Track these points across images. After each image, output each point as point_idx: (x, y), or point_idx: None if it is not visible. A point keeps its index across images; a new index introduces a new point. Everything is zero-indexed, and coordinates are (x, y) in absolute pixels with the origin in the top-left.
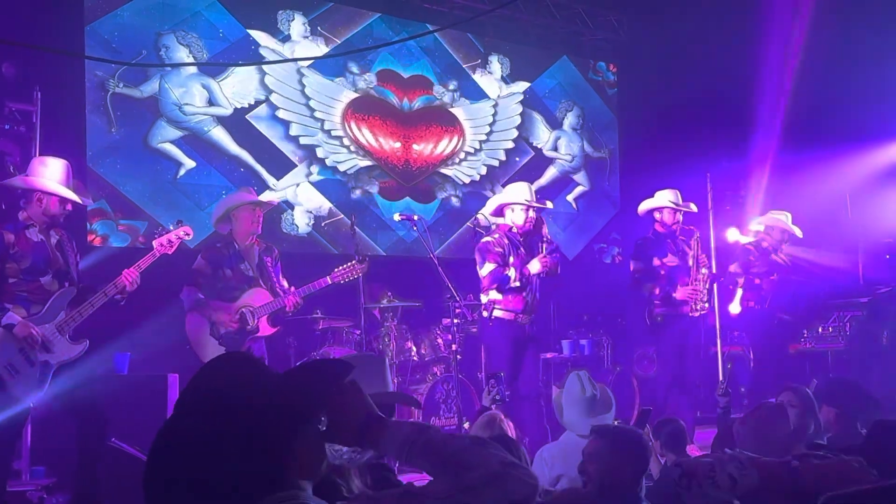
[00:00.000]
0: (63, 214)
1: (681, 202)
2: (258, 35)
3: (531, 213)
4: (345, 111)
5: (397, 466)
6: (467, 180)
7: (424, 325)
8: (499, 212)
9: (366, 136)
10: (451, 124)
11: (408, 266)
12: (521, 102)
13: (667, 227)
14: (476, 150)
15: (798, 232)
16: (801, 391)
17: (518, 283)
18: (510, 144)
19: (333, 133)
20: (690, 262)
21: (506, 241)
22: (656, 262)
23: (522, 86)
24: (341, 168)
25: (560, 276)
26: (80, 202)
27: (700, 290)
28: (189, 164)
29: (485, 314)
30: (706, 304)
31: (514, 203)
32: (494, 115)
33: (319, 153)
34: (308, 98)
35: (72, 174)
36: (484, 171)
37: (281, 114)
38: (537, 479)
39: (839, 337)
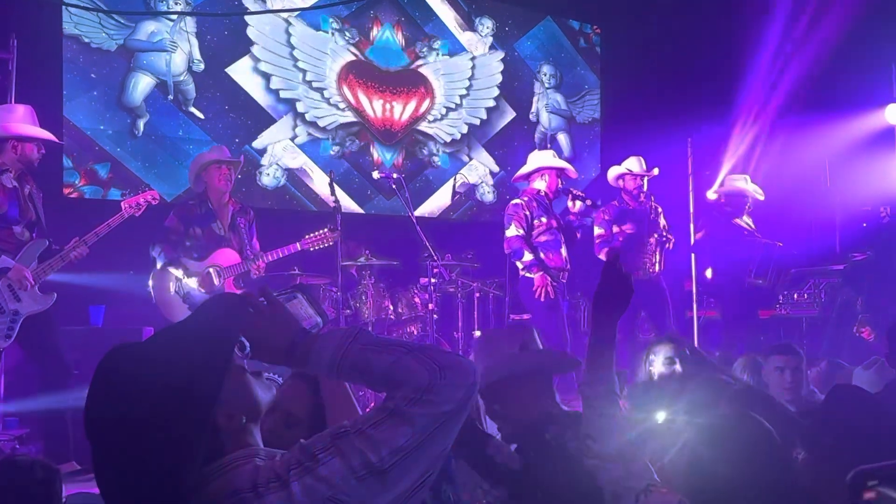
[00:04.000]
0: (38, 159)
1: (643, 169)
2: None
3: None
4: (340, 74)
5: None
6: (448, 139)
7: (402, 284)
8: (525, 178)
9: (360, 99)
10: (421, 86)
11: (386, 224)
12: (503, 61)
13: (629, 193)
14: (457, 106)
15: (759, 193)
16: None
17: (531, 257)
18: (491, 103)
19: (315, 85)
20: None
21: (534, 205)
22: (615, 228)
23: (506, 46)
24: (321, 124)
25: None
26: (56, 140)
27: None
28: (165, 118)
29: (529, 275)
30: (655, 267)
31: (546, 169)
32: (473, 68)
33: (300, 107)
34: (293, 47)
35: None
36: (465, 129)
37: (263, 66)
38: (473, 375)
39: (814, 304)
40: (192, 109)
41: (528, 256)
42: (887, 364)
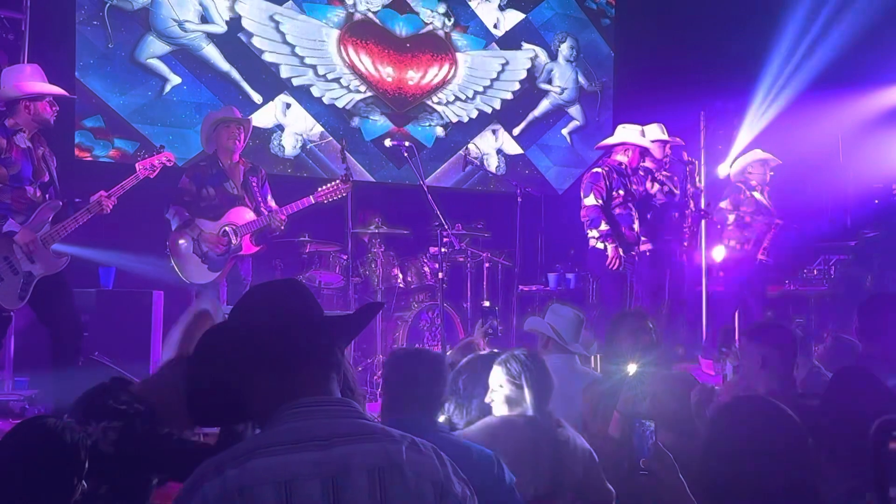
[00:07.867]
0: (53, 116)
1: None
2: None
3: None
4: (340, 37)
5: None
6: (455, 119)
7: (412, 253)
8: (609, 148)
9: (362, 61)
10: (443, 52)
11: (397, 193)
12: (531, 59)
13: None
14: (468, 98)
15: (775, 158)
16: None
17: (607, 227)
18: (508, 96)
19: (330, 77)
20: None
21: (614, 176)
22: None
23: (519, 16)
24: (339, 104)
25: (548, 209)
26: (67, 94)
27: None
28: (177, 80)
29: (600, 246)
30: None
31: (631, 144)
32: (501, 72)
33: (315, 92)
34: (293, 46)
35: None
36: (475, 114)
37: (268, 56)
38: None
39: (824, 280)
40: (208, 73)
41: (603, 227)
42: (856, 339)
